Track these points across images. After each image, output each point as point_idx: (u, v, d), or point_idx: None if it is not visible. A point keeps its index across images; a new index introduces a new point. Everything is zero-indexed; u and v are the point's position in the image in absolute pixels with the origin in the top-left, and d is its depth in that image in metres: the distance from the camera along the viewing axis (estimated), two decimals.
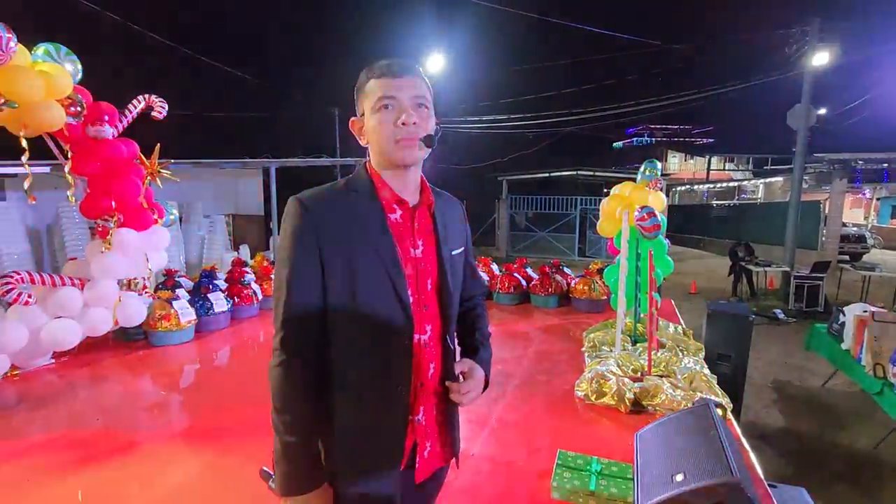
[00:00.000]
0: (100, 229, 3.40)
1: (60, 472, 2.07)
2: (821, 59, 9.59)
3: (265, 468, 1.11)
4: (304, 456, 1.00)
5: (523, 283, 5.16)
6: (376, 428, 1.03)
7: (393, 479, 1.05)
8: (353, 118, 1.08)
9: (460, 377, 1.13)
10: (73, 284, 3.25)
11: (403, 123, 0.98)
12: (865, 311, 3.85)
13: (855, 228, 16.01)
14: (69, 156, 3.21)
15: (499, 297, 5.14)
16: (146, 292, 3.70)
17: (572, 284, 4.99)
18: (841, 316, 4.28)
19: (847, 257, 13.45)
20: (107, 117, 3.29)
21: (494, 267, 5.61)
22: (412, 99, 1.00)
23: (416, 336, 1.05)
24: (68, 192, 3.29)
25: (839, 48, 9.70)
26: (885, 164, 13.40)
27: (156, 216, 3.62)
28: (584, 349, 3.52)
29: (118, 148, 3.32)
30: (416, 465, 1.10)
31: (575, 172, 17.17)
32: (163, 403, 2.88)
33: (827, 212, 12.67)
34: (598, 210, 3.92)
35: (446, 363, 1.13)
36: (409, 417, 1.06)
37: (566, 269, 5.40)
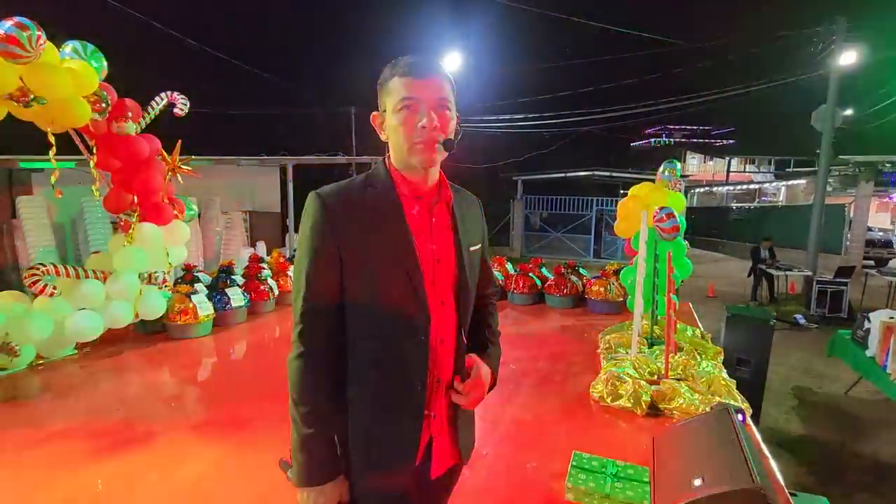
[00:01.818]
0: (122, 224, 3.47)
1: (81, 461, 2.12)
2: (848, 58, 9.33)
3: (284, 459, 1.12)
4: (320, 448, 1.01)
5: (538, 283, 5.13)
6: (392, 422, 1.03)
7: (407, 474, 1.06)
8: (374, 113, 1.07)
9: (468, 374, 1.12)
10: (97, 277, 3.32)
11: (423, 127, 0.97)
12: (892, 318, 3.74)
13: (881, 233, 15.59)
14: (94, 151, 3.28)
15: (513, 296, 5.12)
16: (166, 286, 3.76)
17: (588, 285, 4.95)
18: (866, 322, 4.16)
19: (872, 262, 13.09)
20: (130, 114, 3.36)
21: (509, 266, 5.58)
22: (435, 101, 0.99)
23: (433, 332, 1.05)
24: (93, 187, 3.37)
25: (867, 47, 9.43)
26: None
27: (176, 211, 3.68)
28: (599, 350, 3.48)
29: (141, 144, 3.39)
30: (431, 461, 1.10)
31: (591, 173, 17.02)
32: (181, 395, 2.93)
33: (852, 215, 12.34)
34: (614, 211, 3.88)
35: (460, 359, 1.12)
36: (424, 413, 1.06)
37: (581, 270, 5.35)
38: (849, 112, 14.47)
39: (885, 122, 13.35)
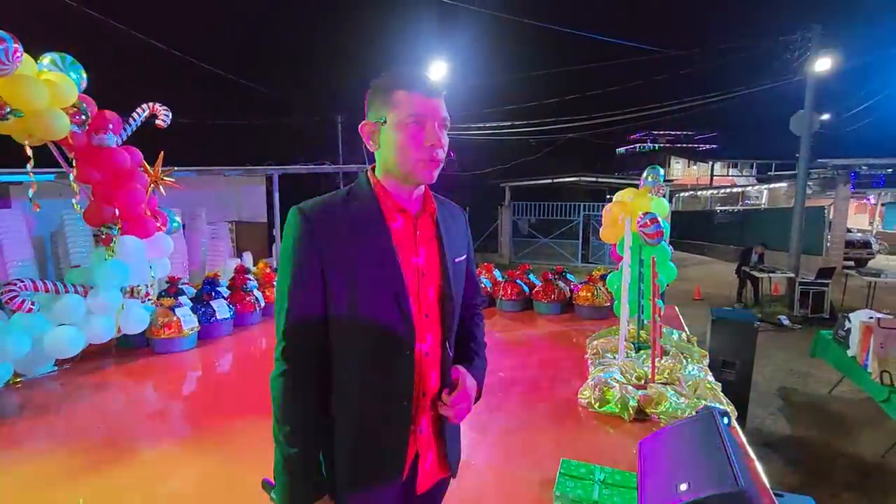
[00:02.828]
0: (103, 237, 3.42)
1: (61, 481, 2.07)
2: (823, 64, 9.59)
3: (267, 479, 1.10)
4: (305, 468, 0.99)
5: (526, 289, 5.14)
6: (378, 439, 1.03)
7: (394, 491, 1.05)
8: (366, 122, 1.05)
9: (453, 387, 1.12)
10: (77, 292, 3.26)
11: (432, 145, 0.98)
12: (871, 318, 3.82)
13: (860, 234, 15.93)
14: (74, 164, 3.23)
15: (502, 303, 5.12)
16: (149, 300, 3.70)
17: (575, 291, 4.98)
18: (847, 322, 4.24)
19: (852, 263, 13.37)
20: (111, 125, 3.32)
21: (497, 273, 5.60)
22: (440, 120, 1.00)
23: (418, 345, 1.04)
24: (73, 200, 3.31)
25: (841, 54, 9.70)
26: (890, 170, 13.34)
27: (159, 224, 3.63)
28: (587, 356, 3.50)
29: (122, 156, 3.35)
30: (418, 477, 1.09)
31: (578, 179, 17.18)
32: (165, 411, 2.88)
33: (831, 217, 12.60)
34: (601, 216, 3.91)
35: (446, 372, 1.12)
36: (410, 428, 1.05)
37: (569, 276, 5.38)
38: (826, 116, 14.83)
39: (861, 126, 13.71)
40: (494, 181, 18.44)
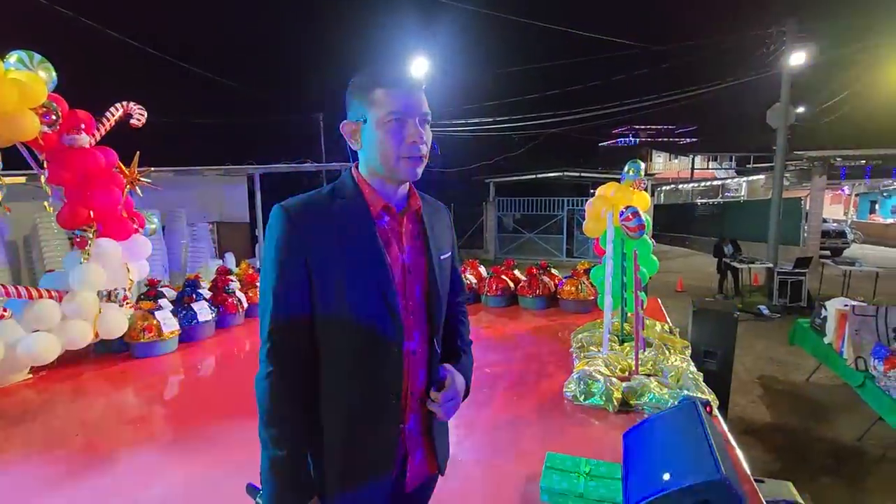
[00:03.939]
0: (78, 240, 3.33)
1: (38, 490, 2.01)
2: (798, 58, 9.78)
3: (251, 483, 1.09)
4: (292, 470, 0.98)
5: (511, 285, 5.16)
6: (366, 438, 1.02)
7: (383, 490, 1.04)
8: (346, 121, 1.03)
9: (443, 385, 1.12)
10: (51, 297, 3.18)
11: (414, 142, 0.98)
12: (846, 306, 3.92)
13: (835, 224, 16.33)
14: (45, 165, 3.14)
15: (487, 299, 5.14)
16: (127, 303, 3.63)
17: (560, 286, 5.01)
18: (823, 310, 4.35)
19: (828, 252, 13.70)
20: (83, 125, 3.23)
21: (482, 269, 5.61)
22: (421, 116, 0.99)
23: (405, 343, 1.04)
24: (45, 203, 3.22)
25: (815, 47, 9.91)
26: (863, 161, 13.69)
27: (136, 225, 3.56)
28: (572, 350, 3.52)
29: (95, 157, 3.27)
30: (407, 475, 1.09)
31: (561, 174, 17.29)
32: (146, 416, 2.82)
33: (808, 208, 12.90)
34: (585, 211, 3.94)
35: (434, 370, 1.12)
36: (399, 426, 1.05)
37: (553, 271, 5.42)
38: (801, 109, 15.14)
39: (835, 119, 14.04)
40: (479, 177, 18.48)
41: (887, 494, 3.12)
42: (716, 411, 2.53)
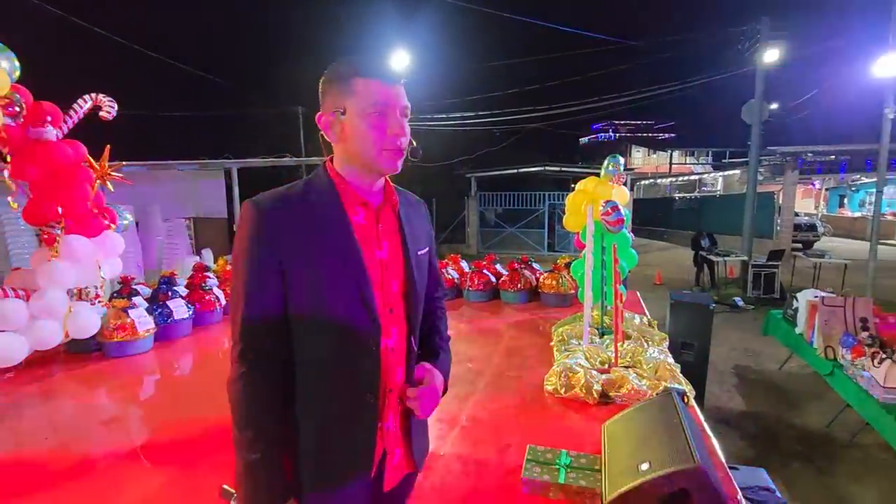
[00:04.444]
0: (46, 237, 3.21)
1: (10, 498, 1.94)
2: (772, 55, 10.00)
3: (226, 486, 1.06)
4: (268, 474, 0.96)
5: (493, 279, 5.18)
6: (344, 438, 1.00)
7: (360, 490, 1.03)
8: (323, 113, 1.00)
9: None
10: (18, 296, 3.06)
11: (396, 134, 0.96)
12: (816, 297, 4.04)
13: (806, 218, 16.83)
14: (7, 159, 3.02)
15: (469, 294, 5.14)
16: (99, 301, 3.52)
17: (541, 279, 5.04)
18: (794, 302, 4.48)
19: (800, 245, 14.12)
20: (49, 118, 3.11)
21: (464, 264, 5.61)
22: (402, 108, 0.98)
23: (383, 341, 1.03)
24: (9, 198, 3.10)
25: (788, 45, 10.15)
26: (833, 156, 14.12)
27: (107, 221, 3.45)
28: (553, 343, 3.55)
29: (63, 150, 3.15)
30: (385, 474, 1.08)
31: (542, 168, 17.41)
32: (120, 418, 2.75)
33: (780, 202, 13.25)
34: (566, 205, 3.97)
35: (412, 368, 1.11)
36: (377, 425, 1.03)
37: (535, 265, 5.45)
38: (774, 106, 15.52)
39: (806, 115, 14.43)
40: (461, 172, 18.47)
41: (854, 478, 3.24)
42: (692, 401, 2.58)
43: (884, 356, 3.13)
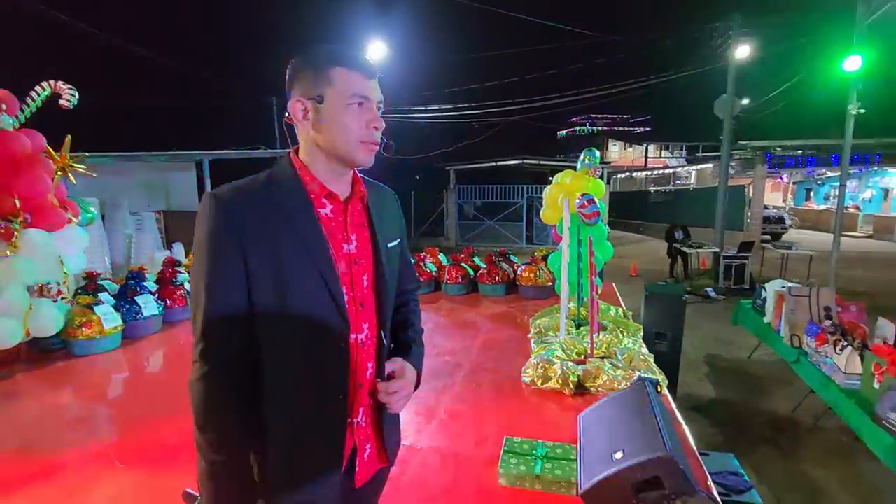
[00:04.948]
0: (3, 231, 3.07)
1: None
2: (742, 52, 10.22)
3: (189, 490, 1.03)
4: (232, 475, 0.93)
5: (471, 272, 5.18)
6: (313, 435, 0.98)
7: (331, 487, 1.01)
8: (298, 98, 0.95)
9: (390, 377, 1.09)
10: None
11: (375, 127, 0.96)
12: (784, 287, 4.17)
13: (775, 210, 17.37)
14: None
15: (447, 287, 5.14)
16: (62, 298, 3.38)
17: (518, 272, 5.07)
18: (763, 292, 4.61)
19: (769, 237, 14.57)
20: (4, 106, 2.96)
21: (442, 257, 5.60)
22: (377, 103, 0.98)
23: (353, 336, 1.00)
24: None
25: (758, 41, 10.39)
26: (800, 151, 14.57)
27: (70, 215, 3.31)
28: (530, 335, 3.58)
29: (20, 140, 3.00)
30: (356, 469, 1.06)
31: (521, 161, 17.48)
32: (86, 418, 2.66)
33: (751, 195, 13.62)
34: (543, 198, 3.99)
35: (383, 363, 1.09)
36: (347, 421, 1.01)
37: (512, 257, 5.48)
38: (745, 101, 15.90)
39: (776, 111, 14.83)
40: (439, 165, 18.41)
41: (817, 461, 3.37)
42: (665, 390, 2.63)
43: (845, 344, 3.25)
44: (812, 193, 25.12)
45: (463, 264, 5.21)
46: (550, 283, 4.83)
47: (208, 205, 0.90)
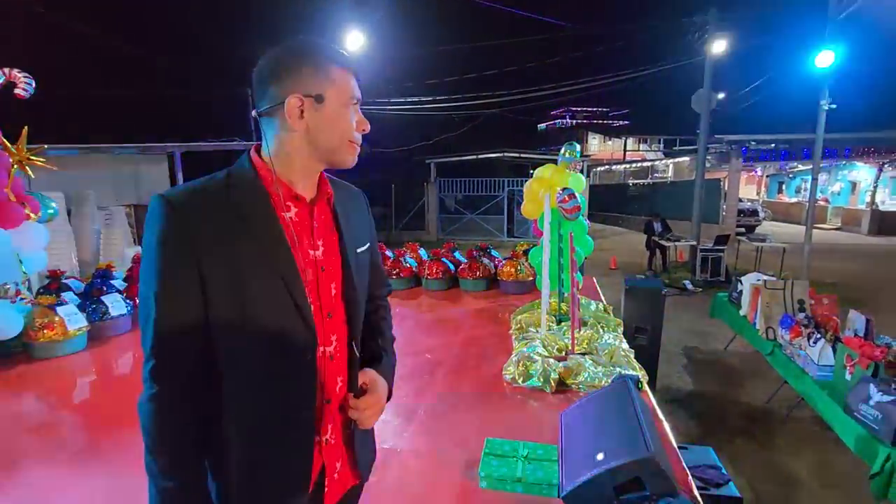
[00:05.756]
0: None
1: None
2: (719, 46, 10.34)
3: None
4: (187, 502, 0.86)
5: (451, 267, 5.13)
6: (277, 455, 0.91)
7: None
8: (297, 94, 0.85)
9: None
10: None
11: (363, 129, 0.95)
12: (759, 280, 4.23)
13: (749, 203, 17.74)
14: None
15: (428, 283, 5.08)
16: (22, 298, 3.22)
17: (499, 267, 5.04)
18: (739, 285, 4.68)
19: (743, 229, 14.88)
20: None
21: (423, 252, 5.54)
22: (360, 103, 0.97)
23: (321, 348, 0.93)
24: None
25: (735, 36, 10.52)
26: (773, 145, 14.90)
27: (28, 211, 3.14)
28: (511, 331, 3.55)
29: None
30: (326, 489, 0.99)
31: (501, 154, 17.46)
32: (49, 424, 2.53)
33: (726, 188, 13.88)
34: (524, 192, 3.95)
35: (354, 375, 1.03)
36: (314, 440, 0.95)
37: (493, 252, 5.45)
38: (721, 95, 16.15)
39: (751, 105, 15.13)
40: (420, 158, 18.26)
41: (791, 449, 3.44)
42: (646, 386, 2.64)
43: (818, 336, 3.31)
44: (784, 186, 25.77)
45: (443, 259, 5.16)
46: (531, 278, 4.82)
47: (158, 209, 0.82)
